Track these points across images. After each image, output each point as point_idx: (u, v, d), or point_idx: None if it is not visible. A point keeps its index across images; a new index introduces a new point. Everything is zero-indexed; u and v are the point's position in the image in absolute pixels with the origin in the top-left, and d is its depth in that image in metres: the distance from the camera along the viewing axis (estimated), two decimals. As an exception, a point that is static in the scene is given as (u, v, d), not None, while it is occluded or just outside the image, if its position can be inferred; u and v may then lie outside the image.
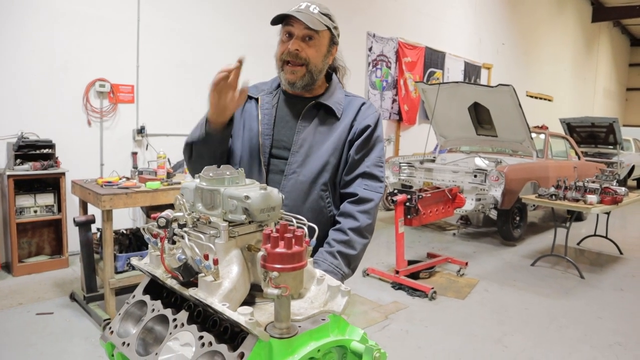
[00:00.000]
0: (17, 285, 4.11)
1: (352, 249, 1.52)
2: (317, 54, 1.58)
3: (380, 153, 1.64)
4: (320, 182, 1.58)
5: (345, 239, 1.52)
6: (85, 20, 4.91)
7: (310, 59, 1.56)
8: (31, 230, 4.58)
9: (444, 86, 6.56)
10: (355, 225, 1.53)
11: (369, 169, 1.60)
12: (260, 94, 1.69)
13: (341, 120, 1.62)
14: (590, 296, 4.46)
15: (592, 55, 18.72)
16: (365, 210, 1.56)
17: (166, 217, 1.14)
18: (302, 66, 1.56)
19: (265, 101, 1.67)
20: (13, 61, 4.50)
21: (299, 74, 1.57)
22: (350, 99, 1.68)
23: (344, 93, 1.71)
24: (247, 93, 1.57)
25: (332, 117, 1.62)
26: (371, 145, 1.62)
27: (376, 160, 1.62)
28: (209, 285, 1.07)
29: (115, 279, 3.39)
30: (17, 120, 4.52)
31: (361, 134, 1.61)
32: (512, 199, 5.84)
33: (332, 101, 1.63)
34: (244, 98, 1.51)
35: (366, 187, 1.58)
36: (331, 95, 1.65)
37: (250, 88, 1.70)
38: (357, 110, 1.64)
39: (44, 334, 3.23)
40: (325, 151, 1.58)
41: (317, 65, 1.59)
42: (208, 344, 1.06)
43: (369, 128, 1.61)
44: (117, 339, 1.26)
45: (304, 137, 1.59)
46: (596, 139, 10.71)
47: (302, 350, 1.04)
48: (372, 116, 1.65)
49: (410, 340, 3.41)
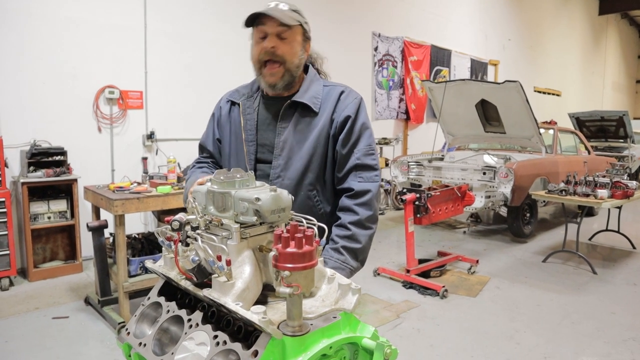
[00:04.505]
0: (33, 290, 4.19)
1: (357, 243, 1.52)
2: (292, 50, 1.57)
3: (368, 141, 1.61)
4: (305, 182, 1.58)
5: (348, 233, 1.53)
6: (94, 28, 4.98)
7: (286, 56, 1.55)
8: (45, 236, 4.65)
9: (450, 84, 6.55)
10: (355, 219, 1.53)
11: (359, 160, 1.58)
12: (241, 99, 1.70)
13: (320, 115, 1.60)
14: (603, 291, 4.43)
15: (600, 48, 18.54)
16: (364, 202, 1.55)
17: (179, 220, 1.17)
18: (280, 66, 1.56)
19: (247, 106, 1.67)
20: (24, 70, 4.58)
21: (278, 74, 1.57)
22: (330, 89, 1.65)
23: (323, 83, 1.67)
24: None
25: (310, 113, 1.60)
26: (357, 135, 1.59)
27: (366, 149, 1.59)
28: (222, 285, 1.10)
29: (128, 283, 3.44)
30: (30, 128, 4.60)
31: (343, 126, 1.58)
32: (522, 195, 5.82)
33: (308, 96, 1.60)
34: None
35: (361, 179, 1.57)
36: (306, 90, 1.62)
37: (232, 93, 1.76)
38: (335, 101, 1.61)
39: (60, 338, 3.29)
40: (307, 151, 1.58)
41: (293, 62, 1.58)
42: (222, 342, 1.08)
43: (350, 119, 1.58)
44: (133, 340, 1.29)
45: (284, 139, 1.59)
46: (606, 133, 10.59)
47: (315, 347, 1.06)
48: (352, 105, 1.61)
49: (422, 339, 3.41)
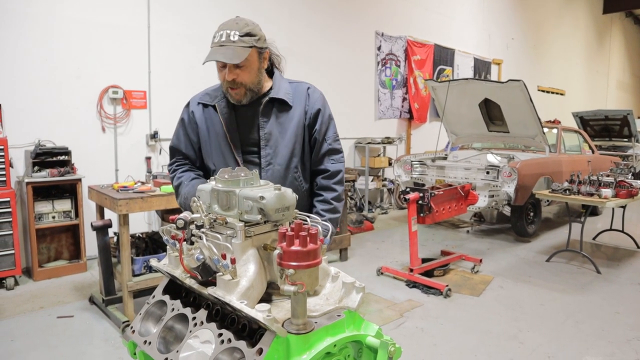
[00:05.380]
0: (38, 290, 4.20)
1: (337, 213, 1.89)
2: (251, 74, 1.76)
3: (334, 129, 1.96)
4: (292, 166, 1.85)
5: (331, 207, 1.87)
6: (98, 29, 5.00)
7: (245, 81, 1.75)
8: (50, 235, 4.67)
9: (454, 83, 6.54)
10: (335, 195, 1.89)
11: (331, 145, 1.92)
12: (215, 101, 1.88)
13: (294, 108, 1.86)
14: (607, 291, 4.42)
15: (605, 47, 18.45)
16: (338, 180, 1.91)
17: (184, 219, 1.17)
18: (242, 88, 1.76)
19: (222, 106, 1.85)
20: (28, 70, 4.60)
21: (241, 93, 1.78)
22: (296, 86, 1.91)
23: (287, 81, 1.92)
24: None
25: (286, 107, 1.85)
26: (326, 125, 1.91)
27: (334, 136, 1.94)
28: (227, 283, 1.10)
29: (133, 282, 3.45)
30: (34, 128, 4.62)
31: (316, 118, 1.89)
32: (526, 194, 5.81)
33: (282, 93, 1.85)
34: None
35: (333, 162, 1.92)
36: (279, 87, 1.86)
37: (202, 96, 1.94)
38: (306, 96, 1.89)
39: (65, 337, 3.30)
40: (290, 139, 1.83)
41: (253, 82, 1.78)
42: (227, 340, 1.09)
43: (320, 112, 1.89)
44: (138, 338, 1.30)
45: (269, 131, 1.82)
46: (610, 132, 10.55)
47: (319, 345, 1.07)
48: (320, 99, 1.91)
49: (425, 338, 3.41)
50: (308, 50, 7.03)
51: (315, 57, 7.17)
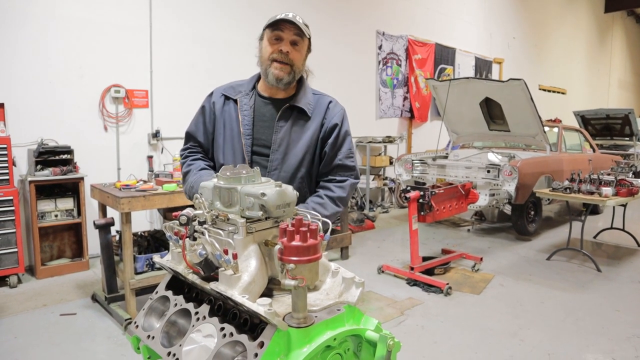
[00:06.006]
0: (41, 288, 4.23)
1: (325, 210, 1.73)
2: (301, 57, 1.80)
3: (349, 146, 1.90)
4: (299, 175, 1.80)
5: (321, 201, 1.76)
6: (99, 28, 5.02)
7: (295, 61, 1.76)
8: (52, 234, 4.70)
9: (454, 82, 6.55)
10: (330, 194, 1.79)
11: (341, 161, 1.85)
12: (238, 95, 1.86)
13: (312, 119, 1.83)
14: (607, 289, 4.43)
15: (606, 46, 18.42)
16: (341, 186, 1.82)
17: (187, 215, 1.19)
18: (288, 65, 1.75)
19: (244, 102, 1.84)
20: (31, 69, 4.63)
21: (286, 70, 1.76)
22: (319, 97, 1.89)
23: (312, 91, 1.90)
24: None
25: (304, 116, 1.83)
26: (341, 140, 1.86)
27: (347, 152, 1.87)
28: (229, 278, 1.12)
29: (135, 280, 3.47)
30: (37, 127, 4.65)
31: (331, 132, 1.84)
32: (526, 193, 5.82)
33: (304, 102, 1.83)
34: None
35: (341, 176, 1.85)
36: (303, 96, 1.84)
37: (226, 89, 1.91)
38: (325, 109, 1.86)
39: (68, 334, 3.33)
40: (301, 149, 1.80)
41: (299, 67, 1.80)
42: (229, 334, 1.11)
43: (337, 126, 1.85)
44: (142, 333, 1.32)
45: (282, 137, 1.79)
46: (611, 131, 10.56)
47: (319, 338, 1.09)
48: (339, 114, 1.88)
49: (426, 336, 3.43)
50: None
51: (316, 56, 7.09)
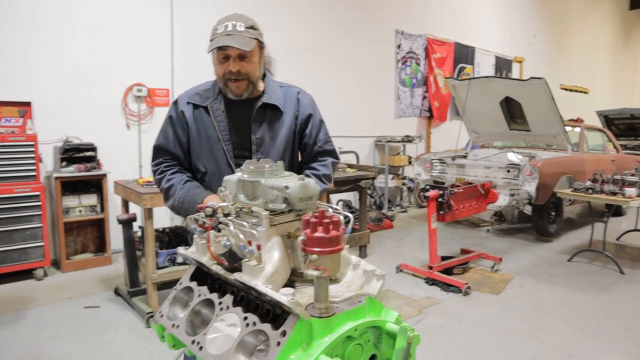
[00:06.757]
0: (66, 281, 4.35)
1: (311, 175, 1.80)
2: (254, 67, 1.76)
3: (325, 131, 1.98)
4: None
5: (312, 173, 1.85)
6: (122, 29, 5.13)
7: (249, 72, 1.74)
8: (77, 229, 4.82)
9: (474, 81, 6.49)
10: (315, 172, 1.88)
11: (321, 147, 1.94)
12: (207, 102, 1.83)
13: (285, 113, 1.87)
14: (630, 292, 4.35)
15: (631, 44, 18.00)
16: (324, 164, 1.93)
17: (212, 207, 1.23)
18: (245, 80, 1.75)
19: (215, 108, 1.82)
20: (58, 69, 4.75)
21: (243, 86, 1.76)
22: (286, 90, 1.92)
23: (278, 84, 1.92)
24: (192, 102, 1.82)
25: (277, 112, 1.85)
26: (317, 129, 1.93)
27: (325, 139, 1.96)
28: (252, 269, 1.15)
29: (156, 274, 3.54)
30: (62, 125, 4.77)
31: (307, 123, 1.91)
32: (547, 193, 5.74)
33: (275, 98, 1.84)
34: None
35: (322, 164, 1.93)
36: (272, 92, 1.85)
37: (192, 96, 1.88)
38: (296, 101, 1.90)
39: (92, 326, 3.42)
40: (280, 144, 1.84)
41: (255, 74, 1.77)
42: (252, 324, 1.13)
43: (312, 117, 1.91)
44: (167, 322, 1.36)
45: (260, 136, 1.82)
46: (636, 131, 10.32)
47: (340, 329, 1.10)
48: (310, 104, 1.93)
49: (444, 335, 3.42)
50: (329, 47, 7.06)
51: (336, 54, 7.19)
